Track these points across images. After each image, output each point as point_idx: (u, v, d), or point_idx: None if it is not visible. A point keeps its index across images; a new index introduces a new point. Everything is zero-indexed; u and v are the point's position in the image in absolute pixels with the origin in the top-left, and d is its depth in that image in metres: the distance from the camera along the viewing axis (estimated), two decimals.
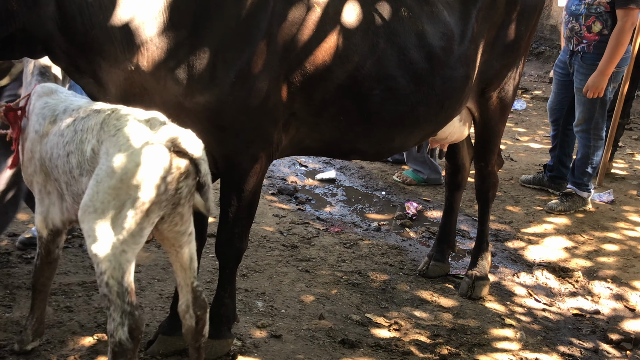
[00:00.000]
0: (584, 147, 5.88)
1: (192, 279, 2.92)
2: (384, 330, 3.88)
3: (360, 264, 4.66)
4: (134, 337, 2.65)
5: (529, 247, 5.21)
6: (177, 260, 2.88)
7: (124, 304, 2.62)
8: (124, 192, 2.53)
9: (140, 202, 2.54)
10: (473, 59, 3.77)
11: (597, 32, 5.53)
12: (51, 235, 3.09)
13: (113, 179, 2.52)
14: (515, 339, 3.94)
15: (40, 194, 3.04)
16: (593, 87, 5.49)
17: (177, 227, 2.77)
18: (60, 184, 2.90)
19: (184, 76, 2.98)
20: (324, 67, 3.24)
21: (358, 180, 6.42)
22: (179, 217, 2.74)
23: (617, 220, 5.78)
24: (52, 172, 2.92)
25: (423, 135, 3.87)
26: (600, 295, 4.60)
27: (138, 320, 2.65)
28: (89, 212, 2.56)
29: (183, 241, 2.83)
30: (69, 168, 2.78)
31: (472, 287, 4.38)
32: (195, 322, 2.95)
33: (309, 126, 3.39)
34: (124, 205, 2.54)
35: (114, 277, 2.59)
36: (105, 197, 2.53)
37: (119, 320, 2.62)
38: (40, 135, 2.97)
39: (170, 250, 2.87)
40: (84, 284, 3.92)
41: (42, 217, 3.06)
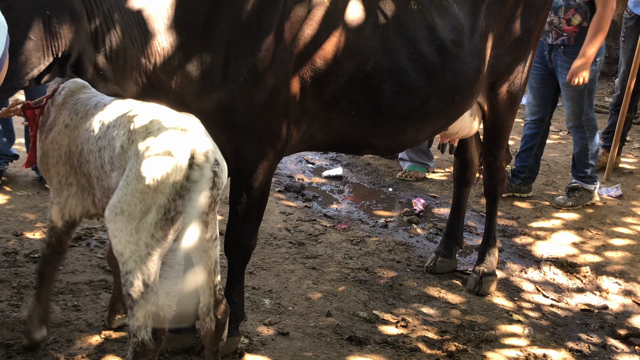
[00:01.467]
0: (580, 140, 5.81)
1: (216, 282, 2.92)
2: (391, 327, 3.88)
3: (367, 261, 4.66)
4: (157, 337, 2.67)
5: (536, 242, 5.19)
6: (201, 263, 2.87)
7: (148, 304, 2.63)
8: (149, 197, 2.55)
9: (165, 209, 2.57)
10: (483, 52, 3.76)
11: (577, 24, 5.45)
12: (66, 226, 3.11)
13: (141, 183, 2.55)
14: (523, 335, 3.93)
15: (60, 184, 3.05)
16: (576, 73, 5.37)
17: (203, 234, 2.76)
18: (90, 179, 2.92)
19: (197, 74, 2.99)
20: (335, 61, 3.24)
21: (365, 177, 6.41)
22: (204, 225, 2.73)
23: (625, 215, 5.76)
24: (82, 167, 2.94)
25: (434, 129, 3.86)
26: (609, 291, 4.58)
27: (162, 322, 2.67)
28: (116, 213, 2.59)
29: (209, 247, 2.83)
30: (100, 163, 2.80)
31: (480, 283, 4.37)
32: (215, 326, 2.95)
33: (320, 121, 3.39)
34: (150, 210, 2.57)
35: (139, 277, 2.61)
36: (132, 200, 2.56)
37: (142, 321, 2.64)
38: (70, 129, 2.98)
39: (194, 254, 2.87)
40: (91, 282, 3.92)
41: (59, 208, 3.08)
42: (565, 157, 7.08)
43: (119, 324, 3.52)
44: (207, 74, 3.02)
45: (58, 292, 3.80)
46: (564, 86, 5.64)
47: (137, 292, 2.62)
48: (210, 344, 2.99)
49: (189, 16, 2.95)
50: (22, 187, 5.08)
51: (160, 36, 2.91)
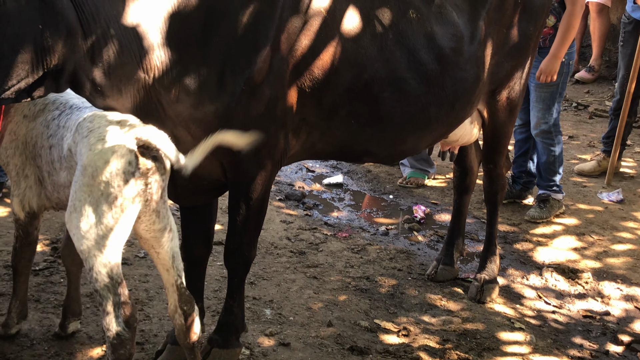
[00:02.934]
0: (548, 147, 5.68)
1: (175, 277, 2.95)
2: (392, 336, 3.87)
3: (368, 269, 4.65)
4: (130, 325, 2.71)
5: (537, 248, 5.19)
6: (160, 262, 2.94)
7: (115, 296, 2.68)
8: (96, 189, 2.61)
9: (112, 197, 2.62)
10: (483, 60, 3.76)
11: (552, 26, 5.43)
12: (28, 217, 3.19)
13: (85, 177, 2.62)
14: (525, 342, 3.93)
15: (18, 176, 3.14)
16: (546, 71, 5.31)
17: (155, 225, 2.83)
18: (42, 172, 3.01)
19: (195, 86, 2.99)
20: (333, 71, 3.24)
21: (365, 185, 6.41)
22: (155, 215, 2.80)
23: (627, 220, 5.74)
24: (35, 159, 3.03)
25: (435, 136, 3.86)
26: (610, 297, 4.57)
27: (132, 309, 2.71)
28: (70, 212, 2.67)
29: (163, 240, 2.88)
30: (50, 159, 2.92)
31: (481, 291, 4.36)
32: (184, 319, 2.98)
33: (320, 130, 3.39)
34: (99, 202, 2.62)
35: (102, 271, 2.66)
36: (81, 195, 2.63)
37: (113, 313, 2.68)
38: (28, 120, 3.06)
39: (152, 252, 2.93)
40: (91, 295, 3.91)
41: (19, 200, 3.15)
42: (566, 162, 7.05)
43: (74, 329, 3.53)
44: (204, 86, 3.01)
45: (59, 305, 3.79)
46: (535, 88, 5.56)
47: (102, 286, 2.67)
48: (183, 339, 3.02)
49: (185, 29, 2.95)
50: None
51: (158, 50, 2.91)
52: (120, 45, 2.84)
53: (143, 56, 2.89)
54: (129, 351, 2.72)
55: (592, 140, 7.77)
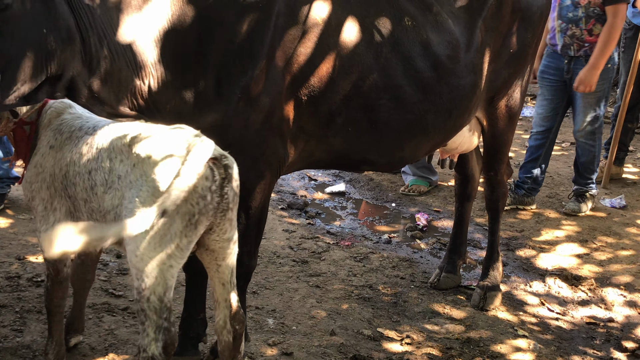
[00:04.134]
0: (590, 148, 5.90)
1: (232, 292, 2.92)
2: (396, 344, 3.86)
3: (371, 278, 4.65)
4: (167, 352, 2.68)
5: (540, 255, 5.18)
6: (217, 277, 2.89)
7: (161, 320, 2.65)
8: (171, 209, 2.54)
9: (189, 215, 2.59)
10: (480, 67, 3.76)
11: (599, 33, 5.52)
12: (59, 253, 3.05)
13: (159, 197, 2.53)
14: (529, 350, 3.91)
15: (46, 210, 3.01)
16: (585, 82, 5.49)
17: (227, 234, 2.79)
18: (76, 201, 2.89)
19: (191, 94, 2.99)
20: (329, 79, 3.25)
21: (368, 193, 6.40)
22: (229, 224, 2.77)
23: (630, 226, 5.73)
24: (67, 189, 2.91)
25: (433, 144, 3.86)
26: (614, 303, 4.56)
27: (173, 337, 2.69)
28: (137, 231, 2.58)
29: (229, 251, 2.84)
30: (90, 185, 2.78)
31: (484, 298, 4.35)
32: (232, 337, 2.95)
33: (317, 139, 3.39)
34: (174, 220, 2.58)
35: (157, 293, 2.62)
36: None
37: (152, 336, 2.65)
38: (55, 150, 2.96)
39: (213, 266, 2.87)
40: (94, 305, 3.91)
41: (47, 235, 3.02)
42: (568, 169, 7.05)
43: (75, 342, 3.50)
44: (200, 94, 3.02)
45: None
46: (583, 95, 5.71)
47: (151, 308, 2.63)
48: (228, 357, 2.97)
49: (181, 38, 2.96)
50: (25, 210, 5.08)
51: (154, 58, 2.92)
52: (117, 53, 2.85)
53: (139, 64, 2.90)
54: None
55: None
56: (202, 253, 2.86)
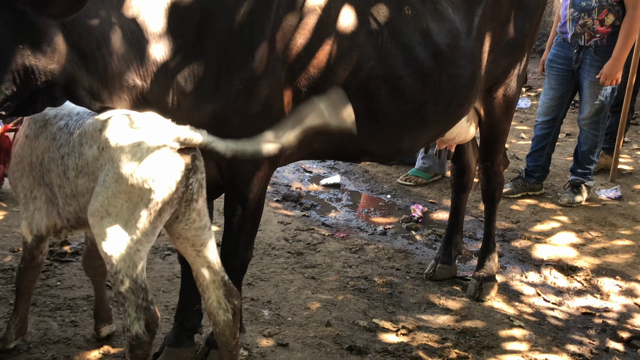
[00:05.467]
0: (592, 137, 5.94)
1: (222, 273, 2.96)
2: (391, 335, 3.85)
3: (366, 269, 4.64)
4: (150, 330, 2.72)
5: (536, 246, 5.17)
6: (200, 260, 2.92)
7: (139, 299, 2.69)
8: (135, 195, 2.60)
9: (153, 203, 2.62)
10: (479, 56, 3.75)
11: (610, 24, 5.54)
12: (35, 241, 3.13)
13: (123, 184, 2.59)
14: (525, 340, 3.91)
15: (26, 198, 3.08)
16: (610, 75, 5.56)
17: (196, 224, 2.83)
18: (52, 188, 2.94)
19: (191, 88, 2.97)
20: (329, 69, 3.23)
21: (363, 184, 6.39)
22: (196, 214, 2.80)
23: (625, 217, 5.73)
24: (44, 177, 2.96)
25: (432, 135, 3.84)
26: (610, 293, 4.56)
27: (154, 314, 2.73)
28: (101, 216, 2.64)
29: (204, 238, 2.87)
30: (63, 169, 2.83)
31: (480, 289, 4.35)
32: (232, 314, 2.97)
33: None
34: (137, 207, 2.62)
35: (129, 274, 2.66)
36: (117, 202, 2.61)
37: (134, 315, 2.70)
38: (30, 139, 3.00)
39: (191, 252, 2.90)
40: (88, 297, 3.90)
41: (27, 223, 3.10)
42: (564, 160, 7.06)
43: (107, 333, 3.54)
44: (200, 87, 2.99)
45: (55, 308, 3.78)
46: (590, 84, 5.72)
47: (127, 290, 2.68)
48: (229, 336, 2.99)
49: (180, 31, 2.93)
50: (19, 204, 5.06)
51: (154, 55, 2.89)
52: (116, 54, 2.82)
53: (138, 62, 2.87)
54: (146, 352, 2.74)
55: None
56: (177, 242, 2.91)
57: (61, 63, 2.71)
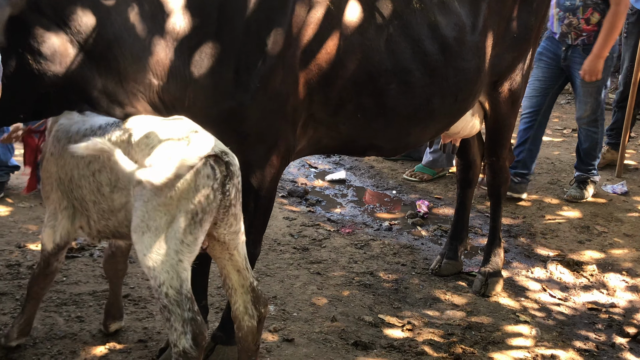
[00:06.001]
0: (592, 135, 5.89)
1: (251, 278, 2.92)
2: (397, 330, 3.85)
3: (372, 265, 4.63)
4: (197, 343, 2.66)
5: (542, 241, 5.16)
6: (231, 264, 2.89)
7: (185, 312, 2.64)
8: (174, 207, 2.57)
9: (192, 213, 2.59)
10: (484, 50, 3.75)
11: (596, 22, 5.47)
12: (56, 249, 3.12)
13: (161, 197, 2.56)
14: (531, 336, 3.90)
15: (56, 210, 3.08)
16: (590, 71, 5.48)
17: (233, 228, 2.80)
18: (84, 203, 2.93)
19: (209, 87, 2.96)
20: (341, 65, 3.23)
21: (368, 180, 6.39)
22: (234, 218, 2.77)
23: (631, 212, 5.72)
24: (73, 192, 2.95)
25: (438, 128, 3.85)
26: (616, 288, 4.55)
27: (201, 326, 2.67)
28: (143, 232, 2.61)
29: (238, 242, 2.85)
30: (96, 187, 2.82)
31: (486, 284, 4.34)
32: (257, 321, 2.94)
33: (326, 126, 3.38)
34: (176, 219, 2.58)
35: (173, 286, 2.62)
36: (156, 215, 2.58)
37: (180, 330, 2.64)
38: (55, 157, 3.00)
39: (223, 256, 2.88)
40: (94, 293, 3.91)
41: (52, 231, 3.09)
42: (570, 156, 7.04)
43: (115, 328, 3.54)
44: (218, 85, 2.99)
45: (61, 304, 3.79)
46: (582, 83, 5.67)
47: (172, 302, 2.63)
48: (251, 342, 2.96)
49: (198, 30, 2.92)
50: (24, 199, 5.07)
51: (171, 54, 2.88)
52: (131, 54, 2.81)
53: (156, 62, 2.86)
54: None
55: None
56: (212, 245, 2.86)
57: (66, 65, 2.71)
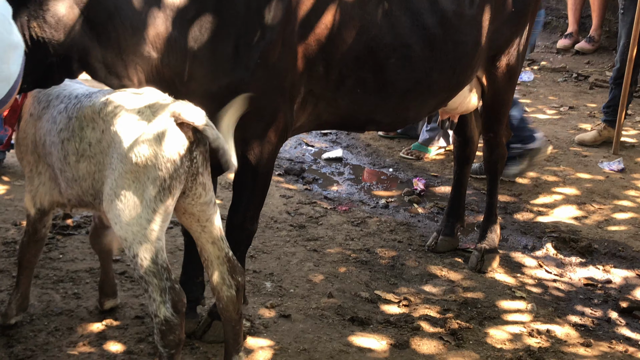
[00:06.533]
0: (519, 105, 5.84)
1: (226, 249, 2.93)
2: (393, 306, 3.86)
3: (368, 242, 4.64)
4: (178, 310, 2.68)
5: (538, 218, 5.17)
6: (206, 236, 2.89)
7: (162, 282, 2.65)
8: (142, 174, 2.57)
9: (160, 180, 2.59)
10: (482, 24, 3.73)
11: None
12: (38, 214, 3.13)
13: (127, 164, 2.57)
14: (526, 311, 3.92)
15: (31, 172, 3.08)
16: None
17: (202, 199, 2.79)
18: (54, 170, 2.93)
19: (209, 62, 2.95)
20: (340, 39, 3.22)
21: (365, 158, 6.37)
22: (202, 187, 2.77)
23: (628, 189, 5.72)
24: (46, 158, 2.95)
25: (436, 103, 3.84)
26: (612, 265, 4.55)
27: (179, 293, 2.69)
28: (112, 200, 2.62)
29: (210, 213, 2.84)
30: (63, 155, 2.81)
31: (482, 261, 4.35)
32: (235, 290, 2.95)
33: (326, 101, 3.37)
34: (146, 186, 2.58)
35: (148, 257, 2.63)
36: (125, 183, 2.58)
37: (159, 299, 2.65)
38: (34, 119, 2.99)
39: (196, 228, 2.88)
40: (91, 270, 3.91)
41: (31, 196, 3.10)
42: (567, 133, 7.04)
43: (110, 306, 3.54)
44: (218, 60, 2.97)
45: (58, 281, 3.79)
46: None
47: (148, 272, 2.64)
48: (233, 311, 2.97)
49: (198, 4, 2.90)
50: (21, 177, 5.05)
51: (171, 28, 2.86)
52: (131, 26, 2.81)
53: (155, 35, 2.85)
54: (178, 337, 2.70)
55: (593, 110, 7.72)
56: (182, 217, 2.87)
57: (68, 34, 2.71)
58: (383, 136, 6.78)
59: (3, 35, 1.64)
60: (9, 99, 1.78)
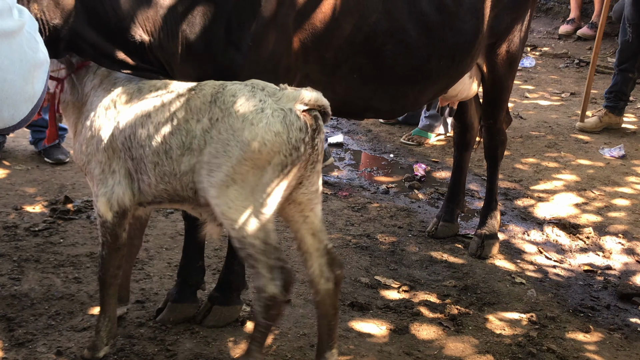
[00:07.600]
0: None
1: (325, 241, 2.90)
2: (393, 292, 3.87)
3: (369, 227, 4.64)
4: (287, 289, 2.74)
5: (538, 204, 5.17)
6: (307, 227, 2.87)
7: (271, 260, 2.69)
8: (263, 160, 2.59)
9: (282, 166, 2.61)
10: (482, 11, 3.71)
11: None
12: (117, 217, 2.87)
13: (248, 152, 2.57)
14: (526, 297, 3.92)
15: (103, 173, 2.85)
16: None
17: (314, 186, 2.80)
18: (141, 164, 2.79)
19: (201, 45, 2.95)
20: (335, 24, 3.20)
21: (366, 144, 6.38)
22: (317, 175, 2.78)
23: (628, 175, 5.72)
24: (131, 151, 2.79)
25: (436, 90, 3.82)
26: (612, 251, 4.56)
27: (289, 273, 2.74)
28: (227, 185, 2.62)
29: (316, 202, 2.85)
30: (164, 149, 2.73)
31: (482, 247, 4.35)
32: (334, 283, 2.92)
33: (322, 86, 3.34)
34: (265, 172, 2.61)
35: (259, 237, 2.66)
36: (242, 169, 2.59)
37: (268, 276, 2.70)
38: (112, 112, 2.84)
39: (298, 218, 2.86)
40: (92, 254, 3.92)
41: (106, 199, 2.85)
42: (568, 119, 7.03)
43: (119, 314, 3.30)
44: (211, 43, 2.97)
45: (59, 265, 3.80)
46: None
47: (258, 251, 2.67)
48: (329, 305, 2.92)
49: None
50: (21, 161, 5.07)
51: (162, 11, 2.86)
52: (123, 9, 2.80)
53: (146, 18, 2.85)
54: (280, 311, 2.76)
55: (594, 96, 7.70)
56: (286, 207, 2.83)
57: (66, 17, 2.71)
58: (384, 122, 6.77)
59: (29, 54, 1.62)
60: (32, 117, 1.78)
